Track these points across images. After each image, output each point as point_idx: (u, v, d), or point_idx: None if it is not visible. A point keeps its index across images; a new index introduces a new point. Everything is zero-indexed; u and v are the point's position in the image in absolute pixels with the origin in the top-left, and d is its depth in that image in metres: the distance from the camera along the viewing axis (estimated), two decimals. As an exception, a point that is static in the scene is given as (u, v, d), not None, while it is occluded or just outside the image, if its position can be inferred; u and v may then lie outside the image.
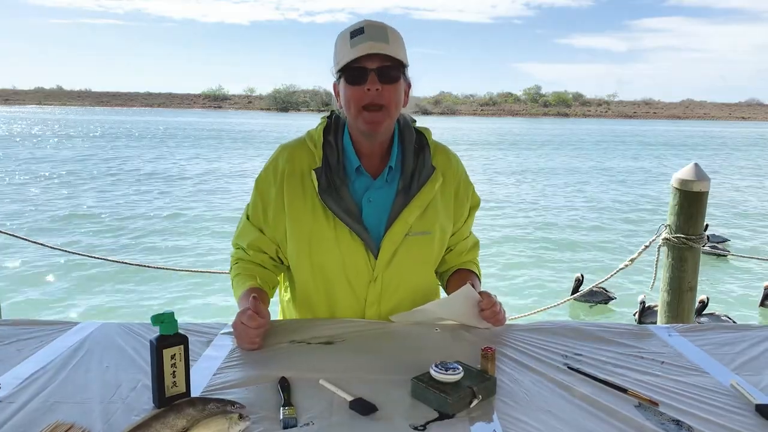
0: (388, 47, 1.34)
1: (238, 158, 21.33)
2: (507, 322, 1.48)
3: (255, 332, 1.28)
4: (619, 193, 14.73)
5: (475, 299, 1.43)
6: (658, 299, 5.89)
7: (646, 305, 5.94)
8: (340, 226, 1.42)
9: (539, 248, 8.94)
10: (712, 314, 5.84)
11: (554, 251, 8.80)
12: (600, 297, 6.49)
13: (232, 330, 1.37)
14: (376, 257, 1.44)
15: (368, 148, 1.46)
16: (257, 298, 1.31)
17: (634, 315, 6.00)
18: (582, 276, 6.53)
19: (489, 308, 1.41)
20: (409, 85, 1.46)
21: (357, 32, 1.35)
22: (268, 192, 1.49)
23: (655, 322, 5.65)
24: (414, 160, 1.48)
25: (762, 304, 6.53)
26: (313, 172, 1.43)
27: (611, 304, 6.60)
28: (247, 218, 1.55)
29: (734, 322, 5.57)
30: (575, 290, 6.36)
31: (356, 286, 1.46)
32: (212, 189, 13.91)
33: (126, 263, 4.38)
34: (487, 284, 1.68)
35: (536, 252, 8.73)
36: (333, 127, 1.49)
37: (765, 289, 6.50)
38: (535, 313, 4.35)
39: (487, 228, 9.87)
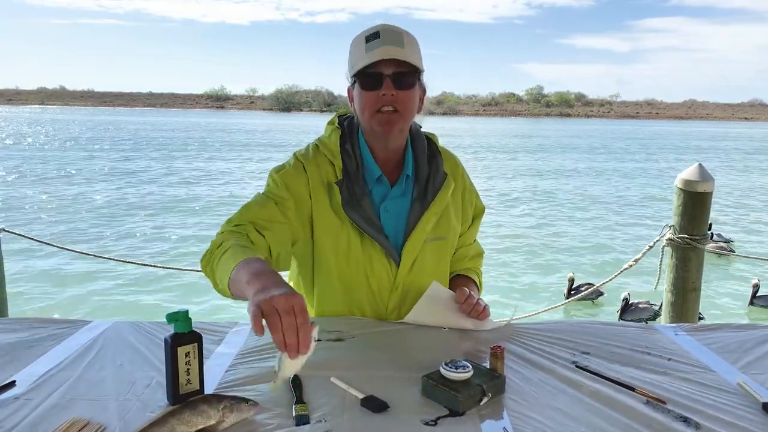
0: (404, 52, 1.33)
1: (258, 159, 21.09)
2: (513, 322, 1.50)
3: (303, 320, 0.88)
4: (622, 193, 14.71)
5: (448, 295, 1.44)
6: (648, 297, 6.03)
7: (629, 302, 5.97)
8: (364, 237, 1.41)
9: (540, 249, 8.94)
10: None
11: (555, 252, 8.79)
12: (593, 294, 6.56)
13: (243, 328, 1.38)
14: (397, 265, 1.44)
15: (384, 153, 1.46)
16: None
17: (617, 312, 6.04)
18: (574, 275, 6.62)
19: (464, 301, 1.40)
20: (424, 91, 1.45)
21: (372, 36, 1.35)
22: (294, 184, 1.40)
23: (638, 320, 5.73)
24: (427, 167, 1.48)
25: (751, 303, 6.51)
26: (335, 186, 1.40)
27: (600, 299, 6.73)
28: (264, 196, 1.41)
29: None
30: (570, 289, 6.48)
31: (378, 295, 1.47)
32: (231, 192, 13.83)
33: (134, 263, 4.40)
34: (489, 285, 1.69)
35: (537, 253, 8.73)
36: (347, 135, 1.47)
37: (753, 288, 6.48)
38: (535, 314, 4.35)
39: (488, 229, 9.87)
